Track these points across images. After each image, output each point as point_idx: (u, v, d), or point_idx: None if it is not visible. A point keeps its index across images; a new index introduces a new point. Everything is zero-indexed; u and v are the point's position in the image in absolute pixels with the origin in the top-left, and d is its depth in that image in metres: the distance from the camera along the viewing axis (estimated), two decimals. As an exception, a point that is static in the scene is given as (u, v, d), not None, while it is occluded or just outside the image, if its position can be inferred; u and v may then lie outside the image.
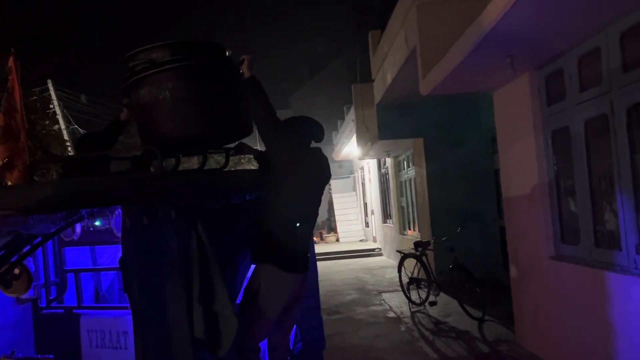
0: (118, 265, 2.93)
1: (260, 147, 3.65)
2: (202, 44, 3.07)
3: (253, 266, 3.26)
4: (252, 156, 3.61)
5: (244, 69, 3.11)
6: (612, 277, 4.36)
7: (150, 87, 2.94)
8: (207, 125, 3.01)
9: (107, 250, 4.71)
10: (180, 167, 3.07)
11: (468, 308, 7.62)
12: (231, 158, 3.68)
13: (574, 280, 4.94)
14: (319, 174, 3.35)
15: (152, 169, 3.54)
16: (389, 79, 9.35)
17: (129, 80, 3.02)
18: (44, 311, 4.52)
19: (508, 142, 6.27)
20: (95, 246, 4.80)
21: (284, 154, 3.13)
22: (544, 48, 4.88)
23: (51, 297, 4.57)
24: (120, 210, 2.89)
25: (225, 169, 3.49)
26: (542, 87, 5.47)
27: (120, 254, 2.89)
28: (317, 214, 3.45)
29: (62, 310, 4.50)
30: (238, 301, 3.29)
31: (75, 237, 4.22)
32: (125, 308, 3.94)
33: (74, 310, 4.43)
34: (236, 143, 3.46)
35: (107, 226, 3.77)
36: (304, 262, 3.31)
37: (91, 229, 4.12)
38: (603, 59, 4.42)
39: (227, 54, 3.17)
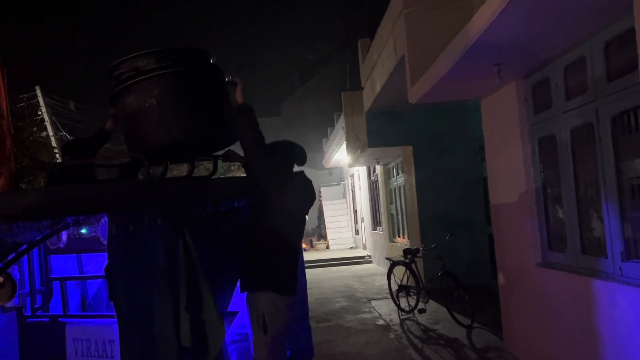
0: (104, 273, 2.92)
1: None
2: (187, 51, 3.08)
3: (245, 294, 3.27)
4: (241, 164, 3.62)
5: (237, 95, 3.14)
6: (598, 285, 4.39)
7: (137, 94, 2.93)
8: (194, 131, 3.01)
9: (94, 258, 4.68)
10: (172, 175, 3.07)
11: (457, 315, 7.64)
12: (221, 165, 3.68)
13: (561, 287, 4.97)
14: (303, 196, 3.42)
15: (139, 176, 3.53)
16: (378, 87, 9.40)
17: (115, 89, 3.01)
18: (29, 320, 4.48)
19: (496, 150, 6.32)
20: (82, 254, 4.77)
21: (272, 178, 3.19)
22: (531, 57, 4.93)
23: (36, 306, 4.53)
24: (106, 218, 2.88)
25: (214, 177, 3.49)
26: (528, 95, 5.52)
27: (106, 262, 2.87)
28: (302, 236, 3.51)
29: (48, 319, 4.46)
30: (230, 309, 3.30)
31: (62, 245, 4.19)
32: (111, 316, 3.92)
33: (59, 319, 4.39)
34: (225, 150, 3.47)
35: (94, 234, 3.75)
36: (295, 284, 3.33)
37: (77, 236, 4.09)
38: (588, 68, 4.48)
39: (212, 60, 3.18)
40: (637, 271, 4.05)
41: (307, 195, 3.45)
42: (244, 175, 3.54)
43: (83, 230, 3.82)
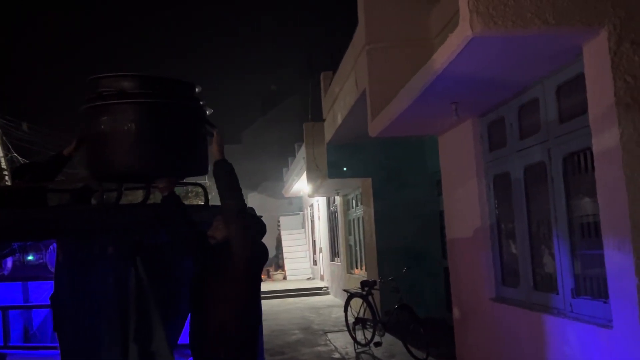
0: (50, 302, 2.79)
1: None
2: (173, 81, 3.04)
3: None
4: (199, 190, 3.53)
5: (215, 150, 2.99)
6: (549, 320, 4.47)
7: (115, 115, 2.83)
8: (166, 163, 2.94)
9: (41, 286, 4.47)
10: (126, 200, 2.99)
11: (412, 349, 7.61)
12: (178, 193, 3.61)
13: (514, 322, 5.04)
14: (259, 265, 3.16)
15: (92, 202, 3.43)
16: (339, 120, 9.51)
17: (90, 104, 2.89)
18: (-34, 351, 4.23)
19: (452, 185, 6.44)
20: (28, 282, 4.55)
21: (244, 238, 2.93)
22: (487, 97, 5.09)
23: (-25, 336, 4.29)
24: (55, 244, 2.77)
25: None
26: (484, 133, 5.67)
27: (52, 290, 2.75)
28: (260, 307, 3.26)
29: (-14, 350, 4.22)
30: (181, 342, 3.17)
31: (6, 272, 3.99)
32: (56, 348, 3.73)
33: (-1, 350, 4.16)
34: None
35: (41, 261, 3.60)
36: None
37: (24, 263, 3.91)
38: (541, 109, 4.65)
39: (197, 89, 3.14)
40: (586, 308, 4.15)
41: (261, 263, 3.17)
42: (201, 202, 3.46)
43: (30, 257, 3.65)
